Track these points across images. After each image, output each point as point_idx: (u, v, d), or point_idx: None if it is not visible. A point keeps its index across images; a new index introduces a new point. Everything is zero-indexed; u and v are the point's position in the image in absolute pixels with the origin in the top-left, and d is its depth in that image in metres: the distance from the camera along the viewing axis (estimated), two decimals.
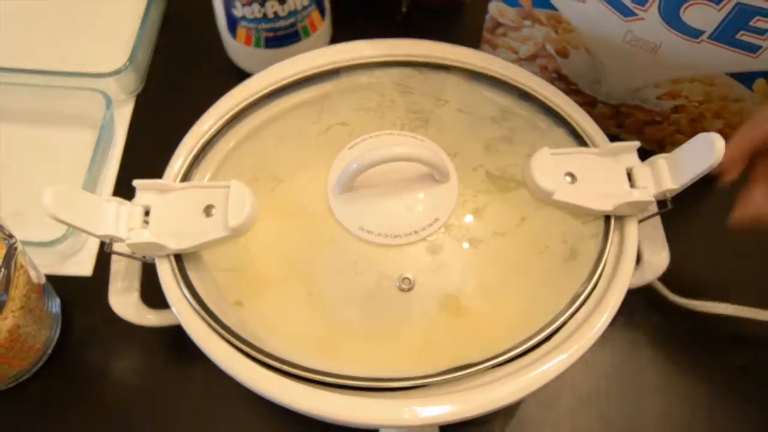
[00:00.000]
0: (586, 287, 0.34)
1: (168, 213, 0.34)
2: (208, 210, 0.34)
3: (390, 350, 0.37)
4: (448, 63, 0.41)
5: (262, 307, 0.36)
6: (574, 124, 0.38)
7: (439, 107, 0.40)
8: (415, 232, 0.35)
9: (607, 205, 0.35)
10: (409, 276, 0.35)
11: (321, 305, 0.36)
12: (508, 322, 0.39)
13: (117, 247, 0.34)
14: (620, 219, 0.35)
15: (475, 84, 0.40)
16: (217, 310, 0.33)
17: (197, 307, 0.33)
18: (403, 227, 0.35)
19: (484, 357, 0.33)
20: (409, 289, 0.39)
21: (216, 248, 0.35)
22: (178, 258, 0.34)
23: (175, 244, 0.33)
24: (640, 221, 0.36)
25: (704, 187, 0.36)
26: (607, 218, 0.36)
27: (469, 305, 0.39)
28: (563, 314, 0.33)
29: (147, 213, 0.34)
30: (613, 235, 0.35)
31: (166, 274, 0.34)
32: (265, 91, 0.40)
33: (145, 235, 0.33)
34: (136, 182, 0.35)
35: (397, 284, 0.36)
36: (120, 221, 0.33)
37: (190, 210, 0.34)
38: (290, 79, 0.40)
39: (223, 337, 0.32)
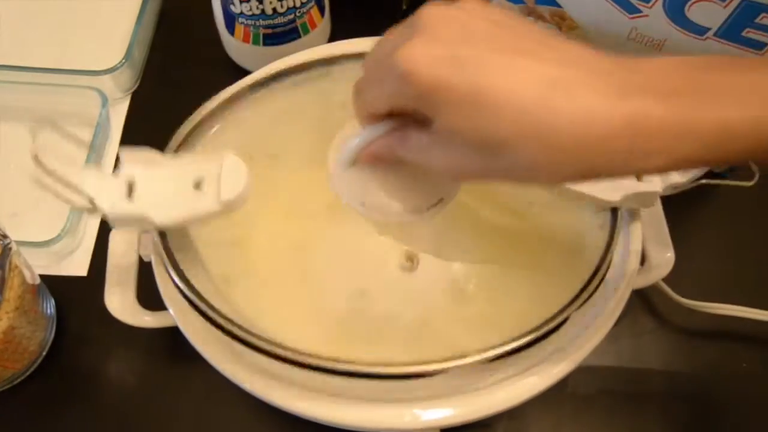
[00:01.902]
0: (590, 285, 0.34)
1: (155, 186, 0.32)
2: (198, 184, 0.31)
3: (390, 335, 0.36)
4: None
5: (260, 295, 0.36)
6: None
7: None
8: (420, 210, 0.34)
9: (614, 196, 0.34)
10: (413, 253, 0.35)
11: (321, 288, 0.35)
12: (511, 314, 0.39)
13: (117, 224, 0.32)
14: (626, 212, 0.35)
15: None
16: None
17: (194, 308, 0.33)
18: (407, 204, 0.34)
19: (484, 347, 0.33)
20: (413, 269, 0.39)
21: (209, 225, 0.33)
22: (175, 259, 0.34)
23: (162, 218, 0.31)
24: None
25: (709, 187, 0.36)
26: (614, 212, 0.35)
27: (473, 291, 0.39)
28: (566, 310, 0.33)
29: (131, 187, 0.31)
30: (619, 227, 0.35)
31: (162, 274, 0.34)
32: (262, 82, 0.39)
33: (128, 207, 0.31)
34: (121, 151, 0.32)
35: (401, 262, 0.35)
36: (101, 191, 0.31)
37: (179, 184, 0.31)
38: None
39: (221, 339, 0.32)
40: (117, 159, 0.49)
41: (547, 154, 0.22)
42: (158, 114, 0.51)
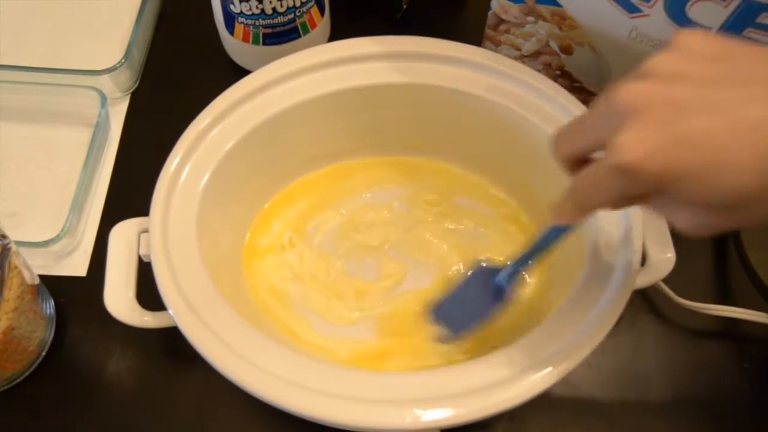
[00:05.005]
0: (591, 285, 0.34)
1: None
2: None
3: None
4: (450, 60, 0.40)
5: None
6: None
7: None
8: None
9: None
10: None
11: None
12: (511, 313, 0.39)
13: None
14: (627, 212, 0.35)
15: None
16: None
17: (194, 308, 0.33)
18: None
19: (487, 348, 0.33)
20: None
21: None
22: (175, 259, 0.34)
23: None
24: None
25: None
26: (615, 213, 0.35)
27: None
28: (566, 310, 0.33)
29: None
30: (619, 227, 0.35)
31: (162, 275, 0.34)
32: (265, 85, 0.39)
33: None
34: None
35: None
36: None
37: None
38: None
39: (220, 339, 0.32)
40: (115, 163, 0.49)
41: None
42: (158, 114, 0.51)
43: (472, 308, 0.37)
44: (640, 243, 0.35)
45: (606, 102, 0.24)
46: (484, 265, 0.37)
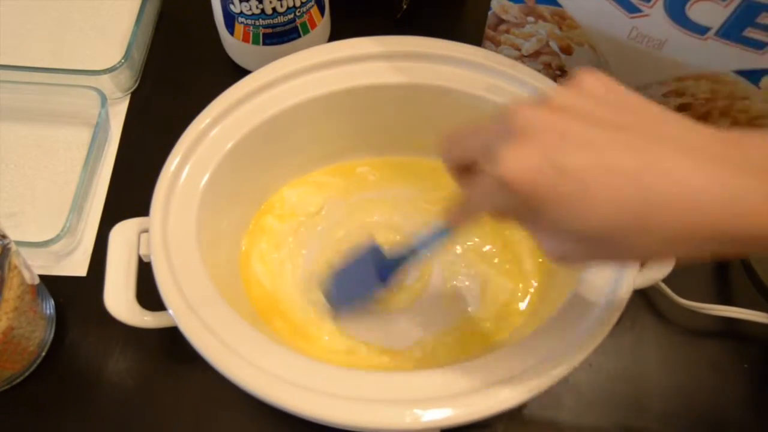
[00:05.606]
0: (591, 286, 0.34)
1: None
2: None
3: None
4: (450, 60, 0.40)
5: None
6: None
7: None
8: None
9: None
10: None
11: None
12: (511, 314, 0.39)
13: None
14: None
15: None
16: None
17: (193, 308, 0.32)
18: None
19: (485, 350, 0.33)
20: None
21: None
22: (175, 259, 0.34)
23: None
24: None
25: None
26: None
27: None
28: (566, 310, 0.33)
29: None
30: None
31: (162, 275, 0.34)
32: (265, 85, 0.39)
33: None
34: None
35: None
36: None
37: None
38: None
39: (220, 339, 0.32)
40: (115, 163, 0.49)
41: (644, 241, 0.24)
42: (158, 114, 0.51)
43: (355, 286, 0.38)
44: None
45: (502, 119, 0.25)
46: (376, 245, 0.38)
